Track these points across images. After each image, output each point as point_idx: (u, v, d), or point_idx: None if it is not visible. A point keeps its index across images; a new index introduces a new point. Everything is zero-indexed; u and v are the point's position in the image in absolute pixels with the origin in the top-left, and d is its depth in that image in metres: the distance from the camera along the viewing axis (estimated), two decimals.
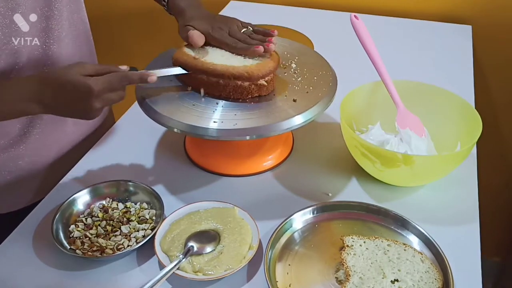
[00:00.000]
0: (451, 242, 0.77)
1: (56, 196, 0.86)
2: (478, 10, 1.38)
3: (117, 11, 1.67)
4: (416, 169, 0.81)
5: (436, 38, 1.35)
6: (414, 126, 0.89)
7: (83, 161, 0.95)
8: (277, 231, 0.77)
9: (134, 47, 1.74)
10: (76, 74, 0.72)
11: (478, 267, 0.75)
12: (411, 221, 0.79)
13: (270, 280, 0.70)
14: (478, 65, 1.33)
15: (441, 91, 0.93)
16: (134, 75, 0.76)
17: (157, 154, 0.97)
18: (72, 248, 0.76)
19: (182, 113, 0.81)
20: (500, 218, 1.64)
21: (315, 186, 0.89)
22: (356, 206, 0.82)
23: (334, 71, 0.91)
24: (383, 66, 0.89)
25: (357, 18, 0.89)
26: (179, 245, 0.75)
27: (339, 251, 0.75)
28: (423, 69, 1.21)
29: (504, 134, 1.52)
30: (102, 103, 0.73)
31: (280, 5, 1.52)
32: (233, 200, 0.82)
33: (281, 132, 0.79)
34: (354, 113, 0.93)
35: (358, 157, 0.87)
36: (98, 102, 0.73)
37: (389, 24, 1.41)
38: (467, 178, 0.90)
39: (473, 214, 0.83)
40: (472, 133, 0.84)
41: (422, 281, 0.70)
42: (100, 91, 0.72)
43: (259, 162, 0.93)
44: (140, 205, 0.84)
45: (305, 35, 1.28)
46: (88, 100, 0.72)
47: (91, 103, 0.72)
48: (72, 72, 0.72)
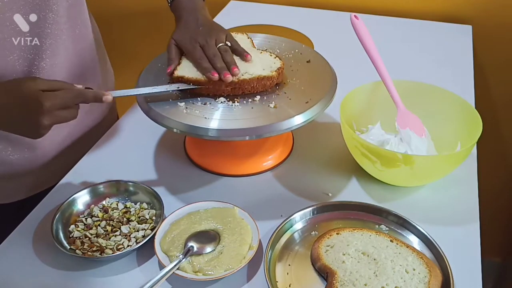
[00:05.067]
0: (451, 242, 0.77)
1: (56, 196, 0.86)
2: (478, 10, 1.38)
3: (117, 11, 1.67)
4: (416, 169, 0.81)
5: (436, 38, 1.35)
6: (414, 126, 0.89)
7: (83, 161, 0.95)
8: (277, 231, 0.77)
9: (134, 47, 1.74)
10: (29, 87, 0.70)
11: (478, 267, 0.74)
12: (411, 221, 0.79)
13: (270, 280, 0.70)
14: (478, 65, 1.33)
15: (441, 91, 0.93)
16: (88, 93, 0.74)
17: (157, 154, 0.97)
18: (72, 248, 0.76)
19: (182, 113, 0.81)
20: (500, 218, 1.64)
21: (315, 186, 0.89)
22: (356, 206, 0.82)
23: (334, 71, 0.91)
24: (383, 66, 0.89)
25: (357, 18, 0.89)
26: (179, 245, 0.75)
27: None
28: (423, 69, 1.21)
29: (504, 134, 1.52)
30: (51, 120, 0.71)
31: (280, 5, 1.52)
32: (233, 200, 0.82)
33: (281, 132, 0.79)
34: (354, 113, 0.93)
35: (358, 157, 0.87)
36: (47, 119, 0.70)
37: (389, 24, 1.41)
38: (467, 178, 0.90)
39: (473, 214, 0.83)
40: (472, 133, 0.84)
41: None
42: (50, 107, 0.70)
43: (259, 162, 0.93)
44: (140, 205, 0.84)
45: (305, 35, 1.29)
46: (36, 116, 0.70)
47: (39, 119, 0.70)
48: (24, 85, 0.70)
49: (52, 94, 0.71)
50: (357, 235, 0.76)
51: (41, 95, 0.70)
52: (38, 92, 0.70)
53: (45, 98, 0.70)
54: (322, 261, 0.72)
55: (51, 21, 0.84)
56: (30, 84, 0.71)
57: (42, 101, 0.69)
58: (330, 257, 0.73)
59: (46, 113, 0.70)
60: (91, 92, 0.75)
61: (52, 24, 0.84)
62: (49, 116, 0.71)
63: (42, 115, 0.70)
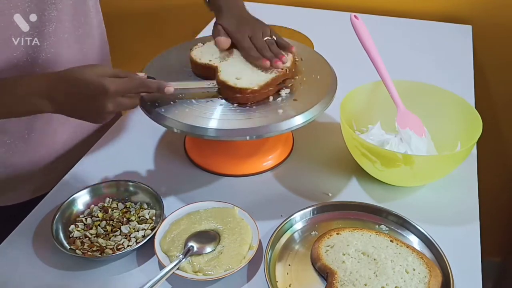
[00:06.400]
0: (451, 242, 0.77)
1: (56, 196, 0.86)
2: (478, 10, 1.38)
3: (117, 11, 1.67)
4: (416, 169, 0.81)
5: (436, 38, 1.35)
6: (414, 126, 0.89)
7: (83, 161, 0.95)
8: (277, 231, 0.77)
9: (134, 47, 1.74)
10: (92, 73, 0.71)
11: (478, 267, 0.74)
12: (411, 221, 0.79)
13: (270, 280, 0.70)
14: (478, 65, 1.33)
15: (441, 91, 0.93)
16: (152, 83, 0.76)
17: (157, 154, 0.97)
18: (72, 248, 0.76)
19: (182, 113, 0.81)
20: (500, 218, 1.64)
21: (315, 186, 0.89)
22: (356, 206, 0.82)
23: (334, 71, 0.91)
24: (383, 66, 0.89)
25: (357, 18, 0.89)
26: (179, 245, 0.75)
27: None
28: (423, 69, 1.20)
29: (504, 134, 1.52)
30: (114, 106, 0.72)
31: (280, 5, 1.52)
32: (233, 200, 0.82)
33: (281, 132, 0.79)
34: (354, 113, 0.93)
35: (358, 157, 0.87)
36: (111, 104, 0.71)
37: (389, 24, 1.41)
38: (467, 178, 0.90)
39: (473, 214, 0.83)
40: (472, 133, 0.84)
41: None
42: (115, 93, 0.71)
43: (259, 162, 0.93)
44: (140, 205, 0.84)
45: (305, 35, 1.28)
46: (102, 100, 0.71)
47: (105, 103, 0.71)
48: (88, 71, 0.71)
49: (118, 80, 0.72)
50: (357, 235, 0.76)
51: (107, 80, 0.70)
52: (103, 78, 0.71)
53: (110, 83, 0.70)
54: (322, 261, 0.72)
55: (54, 19, 0.84)
56: (96, 70, 0.71)
57: (108, 85, 0.70)
58: (330, 257, 0.73)
59: (111, 97, 0.71)
60: (154, 82, 0.76)
61: (55, 22, 0.84)
62: (113, 102, 0.72)
63: (107, 100, 0.71)
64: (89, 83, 0.70)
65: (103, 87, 0.70)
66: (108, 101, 0.71)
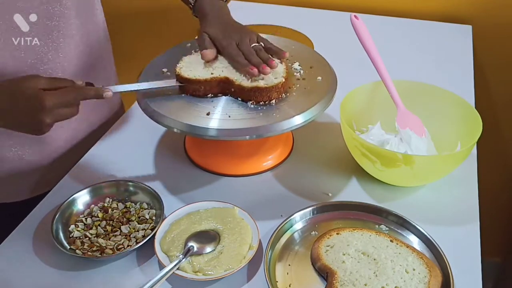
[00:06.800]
0: (451, 242, 0.77)
1: (56, 196, 0.86)
2: (478, 10, 1.38)
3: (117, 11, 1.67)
4: (416, 169, 0.81)
5: (436, 38, 1.35)
6: (414, 126, 0.89)
7: (83, 161, 0.95)
8: (277, 231, 0.77)
9: (134, 47, 1.74)
10: (30, 86, 0.71)
11: (478, 267, 0.74)
12: (411, 221, 0.79)
13: (270, 280, 0.70)
14: (478, 65, 1.33)
15: (441, 91, 0.93)
16: (89, 90, 0.75)
17: (157, 154, 0.97)
18: (72, 248, 0.76)
19: (182, 113, 0.81)
20: (500, 218, 1.64)
21: (315, 186, 0.89)
22: (356, 206, 0.82)
23: (334, 71, 0.91)
24: (383, 66, 0.89)
25: (357, 18, 0.89)
26: (179, 245, 0.75)
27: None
28: (423, 69, 1.20)
29: (504, 134, 1.52)
30: (53, 118, 0.72)
31: (280, 5, 1.52)
32: (233, 200, 0.82)
33: (281, 132, 0.79)
34: (354, 113, 0.93)
35: (358, 157, 0.87)
36: (49, 117, 0.71)
37: (389, 24, 1.41)
38: (467, 178, 0.90)
39: (473, 214, 0.83)
40: (472, 133, 0.84)
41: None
42: (52, 106, 0.70)
43: (259, 162, 0.93)
44: (140, 205, 0.84)
45: (305, 35, 1.28)
46: (39, 115, 0.70)
47: (42, 118, 0.71)
48: (26, 83, 0.71)
49: (53, 93, 0.71)
50: (357, 235, 0.76)
51: (42, 94, 0.70)
52: (39, 91, 0.70)
53: (47, 97, 0.70)
54: (322, 261, 0.72)
55: (59, 14, 0.84)
56: (31, 83, 0.71)
57: (44, 100, 0.70)
58: (330, 257, 0.73)
59: (48, 111, 0.71)
60: (92, 89, 0.75)
61: (60, 17, 0.84)
62: (51, 115, 0.71)
63: (44, 114, 0.71)
64: (28, 96, 0.70)
65: (40, 102, 0.70)
66: (45, 115, 0.71)
